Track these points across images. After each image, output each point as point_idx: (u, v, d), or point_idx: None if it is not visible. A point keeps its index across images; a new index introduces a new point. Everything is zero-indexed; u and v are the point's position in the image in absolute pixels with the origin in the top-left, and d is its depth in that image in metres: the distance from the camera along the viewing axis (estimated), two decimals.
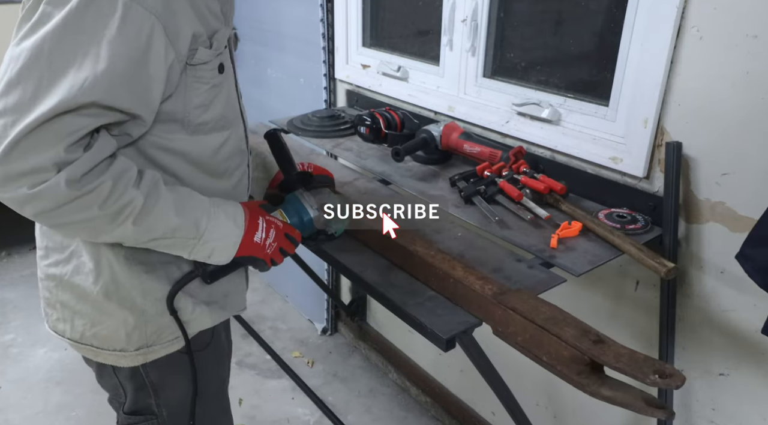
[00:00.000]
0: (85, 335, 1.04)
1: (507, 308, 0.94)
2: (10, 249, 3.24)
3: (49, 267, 1.04)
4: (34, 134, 0.75)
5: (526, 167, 1.39)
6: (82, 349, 1.08)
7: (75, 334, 1.05)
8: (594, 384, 0.82)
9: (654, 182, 1.30)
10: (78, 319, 1.04)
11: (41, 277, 1.07)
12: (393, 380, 2.39)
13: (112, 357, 1.05)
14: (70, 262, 1.01)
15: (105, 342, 1.03)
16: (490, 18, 1.62)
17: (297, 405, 2.24)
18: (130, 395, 1.14)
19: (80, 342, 1.06)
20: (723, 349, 1.27)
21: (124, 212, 0.85)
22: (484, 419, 2.02)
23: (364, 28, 2.06)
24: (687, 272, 1.28)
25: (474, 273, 1.03)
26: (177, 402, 1.14)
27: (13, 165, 0.76)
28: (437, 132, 1.58)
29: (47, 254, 1.04)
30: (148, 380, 1.10)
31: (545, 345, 0.88)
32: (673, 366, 0.79)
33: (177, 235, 0.92)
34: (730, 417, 1.31)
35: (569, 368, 0.85)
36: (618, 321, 1.47)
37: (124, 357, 1.05)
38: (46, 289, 1.07)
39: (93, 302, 1.01)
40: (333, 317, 2.63)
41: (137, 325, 1.02)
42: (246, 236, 0.99)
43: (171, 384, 1.12)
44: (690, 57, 1.17)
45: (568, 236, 1.22)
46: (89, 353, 1.07)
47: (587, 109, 1.43)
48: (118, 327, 1.01)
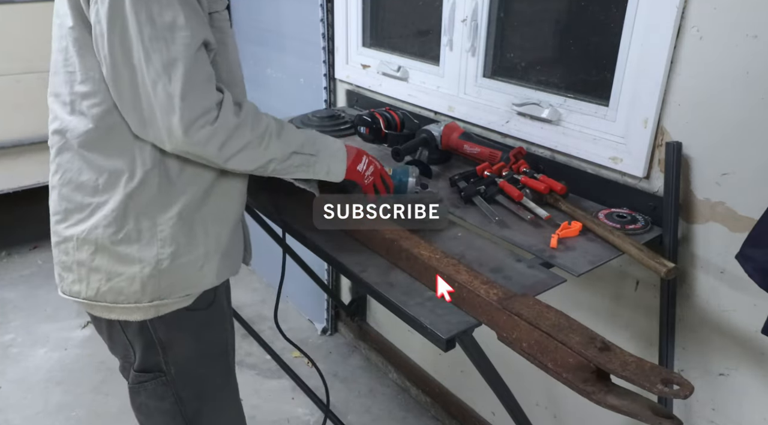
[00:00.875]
0: (100, 291, 1.09)
1: (512, 313, 0.93)
2: (10, 249, 3.24)
3: (67, 229, 1.09)
4: (191, 85, 0.93)
5: (526, 167, 1.39)
6: (95, 308, 1.13)
7: (90, 292, 1.10)
8: (600, 393, 0.81)
9: (654, 182, 1.30)
10: (94, 275, 1.08)
11: (57, 242, 1.11)
12: (393, 380, 2.39)
13: (125, 311, 1.11)
14: (91, 218, 1.06)
15: (119, 295, 1.08)
16: (490, 18, 1.62)
17: (297, 405, 2.24)
18: (139, 352, 1.19)
19: (94, 300, 1.10)
20: (723, 349, 1.27)
21: (267, 130, 1.04)
22: (484, 419, 2.01)
23: (364, 28, 2.06)
24: (687, 272, 1.28)
25: (479, 277, 1.02)
26: (183, 360, 1.20)
27: (190, 112, 0.94)
28: (437, 132, 1.58)
29: (66, 217, 1.09)
30: (156, 336, 1.15)
31: (551, 351, 0.87)
32: (680, 375, 0.78)
33: (303, 150, 1.10)
34: (730, 417, 1.31)
35: (575, 375, 0.84)
36: (618, 321, 1.47)
37: (138, 310, 1.10)
38: (62, 252, 1.11)
39: (111, 254, 1.06)
40: (333, 318, 2.63)
41: (152, 275, 1.07)
42: (351, 163, 1.20)
43: (178, 342, 1.17)
44: (690, 57, 1.17)
45: (568, 236, 1.22)
46: (103, 311, 1.12)
47: (587, 109, 1.43)
48: (134, 278, 1.07)
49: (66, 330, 2.62)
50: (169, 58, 0.93)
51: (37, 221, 3.22)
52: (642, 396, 0.80)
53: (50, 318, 2.70)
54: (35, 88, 2.74)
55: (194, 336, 1.19)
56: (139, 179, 1.03)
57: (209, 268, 1.13)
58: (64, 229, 1.10)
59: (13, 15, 2.63)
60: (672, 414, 0.78)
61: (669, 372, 0.78)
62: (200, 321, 1.19)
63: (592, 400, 0.82)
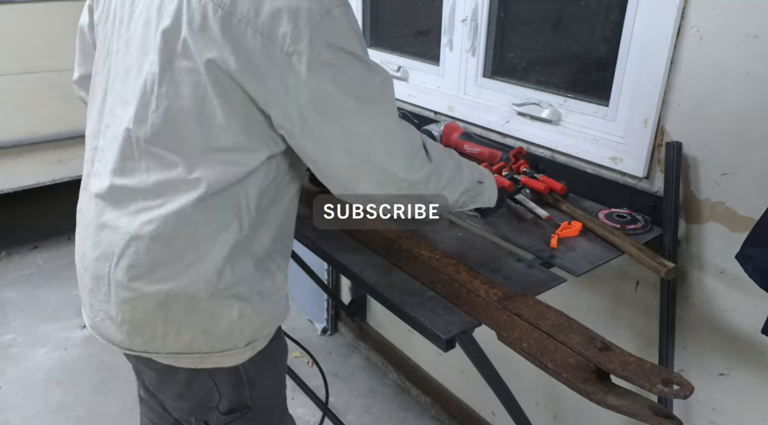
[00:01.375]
0: (194, 343, 1.00)
1: (512, 313, 0.93)
2: (10, 249, 3.24)
3: (150, 285, 0.96)
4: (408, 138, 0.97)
5: (526, 167, 1.39)
6: (183, 360, 1.03)
7: (179, 345, 1.00)
8: (600, 392, 0.81)
9: (654, 182, 1.30)
10: (186, 328, 0.98)
11: (129, 298, 0.97)
12: (393, 380, 2.39)
13: (220, 358, 1.03)
14: (187, 272, 0.95)
15: (217, 343, 1.01)
16: (490, 18, 1.62)
17: (297, 405, 2.24)
18: (227, 394, 1.12)
19: (183, 353, 1.01)
20: (723, 349, 1.27)
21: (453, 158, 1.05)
22: (484, 419, 2.01)
23: (364, 28, 2.06)
24: (687, 272, 1.28)
25: (479, 277, 1.02)
26: (267, 392, 1.17)
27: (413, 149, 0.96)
28: (437, 132, 1.58)
29: (153, 271, 0.95)
30: (246, 375, 1.10)
31: (550, 351, 0.87)
32: (680, 375, 0.78)
33: (474, 177, 1.09)
34: (730, 417, 1.31)
35: (575, 375, 0.84)
36: (618, 321, 1.47)
37: (235, 354, 1.04)
38: (133, 310, 0.98)
39: (206, 306, 0.97)
40: (333, 318, 2.63)
41: (250, 318, 1.02)
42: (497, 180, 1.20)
43: (263, 374, 1.15)
44: (690, 57, 1.17)
45: (568, 236, 1.22)
46: (193, 362, 1.03)
47: (587, 109, 1.43)
48: (233, 324, 1.00)
49: (66, 329, 2.62)
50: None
51: (37, 221, 3.24)
52: (642, 396, 0.80)
53: (50, 318, 2.70)
54: (35, 89, 2.75)
55: (274, 366, 1.18)
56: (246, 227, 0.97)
57: (285, 300, 1.10)
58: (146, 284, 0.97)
59: (13, 15, 2.63)
60: (672, 414, 0.78)
61: (669, 372, 0.78)
62: (277, 349, 1.16)
63: (592, 400, 0.82)
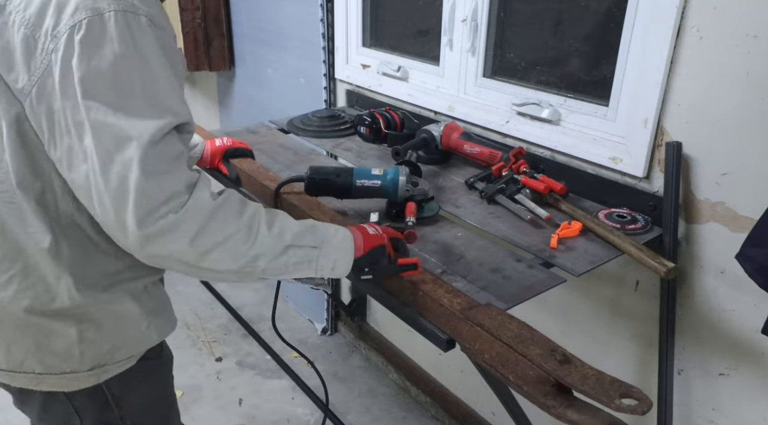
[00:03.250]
0: (25, 362, 0.94)
1: (474, 324, 0.90)
2: None
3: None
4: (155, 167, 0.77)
5: (526, 167, 1.39)
6: (17, 379, 0.97)
7: (11, 363, 0.94)
8: (560, 407, 0.78)
9: (654, 182, 1.30)
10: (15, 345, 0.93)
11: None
12: (393, 380, 2.39)
13: (59, 380, 0.96)
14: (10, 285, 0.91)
15: (51, 365, 0.94)
16: (490, 18, 1.62)
17: (297, 405, 2.24)
18: (89, 418, 1.05)
19: (15, 371, 0.95)
20: (723, 349, 1.27)
21: (255, 218, 0.86)
22: (484, 419, 2.02)
23: (364, 28, 2.06)
24: (687, 272, 1.28)
25: (443, 286, 1.00)
26: (140, 408, 1.10)
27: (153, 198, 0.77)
28: (437, 132, 1.58)
29: None
30: (111, 395, 1.04)
31: (512, 364, 0.84)
32: (640, 390, 0.75)
33: (302, 242, 0.89)
34: (730, 417, 1.31)
35: (535, 389, 0.81)
36: (618, 321, 1.47)
37: (75, 379, 0.97)
38: None
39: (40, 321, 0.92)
40: (333, 318, 2.63)
41: (94, 341, 0.95)
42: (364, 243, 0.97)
43: (135, 392, 1.07)
44: (690, 57, 1.17)
45: (568, 236, 1.22)
46: (28, 382, 0.97)
47: (587, 109, 1.43)
48: (71, 345, 0.93)
49: None
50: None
51: None
52: (602, 411, 0.77)
53: None
54: None
55: (150, 382, 1.10)
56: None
57: (155, 326, 1.03)
58: None
59: None
60: None
61: (629, 386, 0.75)
62: (152, 367, 1.08)
63: (552, 415, 0.79)
